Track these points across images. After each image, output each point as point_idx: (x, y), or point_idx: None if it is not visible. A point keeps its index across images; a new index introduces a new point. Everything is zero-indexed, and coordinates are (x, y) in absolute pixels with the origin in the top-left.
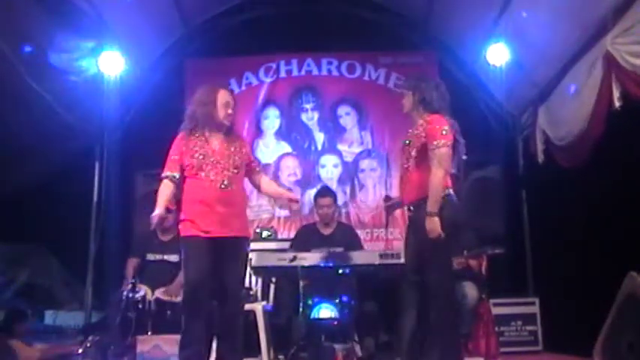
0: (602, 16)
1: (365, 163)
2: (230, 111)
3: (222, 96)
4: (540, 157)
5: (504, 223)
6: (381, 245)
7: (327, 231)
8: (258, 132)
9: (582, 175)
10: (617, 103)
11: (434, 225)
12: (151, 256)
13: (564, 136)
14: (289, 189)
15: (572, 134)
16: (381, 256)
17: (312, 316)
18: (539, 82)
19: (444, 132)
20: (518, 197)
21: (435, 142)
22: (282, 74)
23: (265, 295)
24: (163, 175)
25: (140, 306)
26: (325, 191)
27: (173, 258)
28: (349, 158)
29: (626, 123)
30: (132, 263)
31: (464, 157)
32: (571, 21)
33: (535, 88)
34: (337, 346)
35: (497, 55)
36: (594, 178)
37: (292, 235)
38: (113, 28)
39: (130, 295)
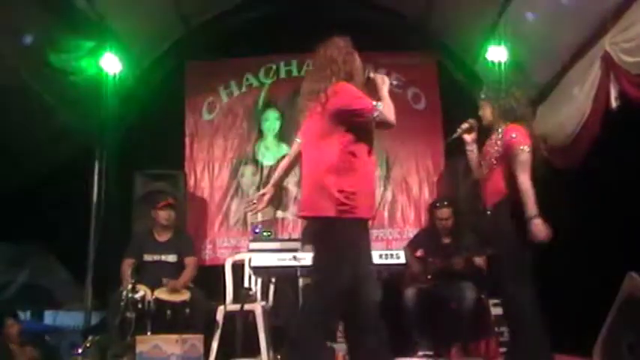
0: (601, 17)
1: None
2: None
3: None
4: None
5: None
6: (381, 245)
7: None
8: (259, 134)
9: (581, 174)
10: (614, 104)
11: (541, 226)
12: (148, 257)
13: (563, 137)
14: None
15: (571, 134)
16: (380, 256)
17: None
18: (538, 82)
19: (525, 138)
20: None
21: (520, 148)
22: (282, 75)
23: (265, 295)
24: None
25: (140, 306)
26: None
27: (171, 258)
28: None
29: (623, 123)
30: (127, 264)
31: None
32: (570, 21)
33: (535, 88)
34: (337, 346)
35: (497, 55)
36: (593, 178)
37: (292, 235)
38: (113, 28)
39: (130, 295)
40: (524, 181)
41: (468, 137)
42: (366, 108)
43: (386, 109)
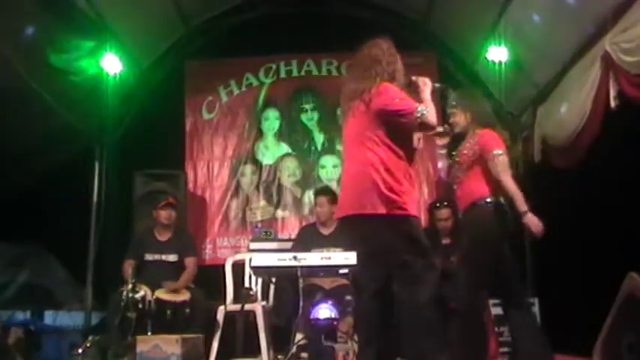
0: (601, 17)
1: None
2: None
3: None
4: (538, 157)
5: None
6: None
7: (326, 231)
8: (259, 133)
9: (581, 174)
10: (613, 103)
11: (535, 220)
12: (149, 257)
13: (563, 136)
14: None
15: (570, 134)
16: None
17: (312, 316)
18: (538, 82)
19: (499, 142)
20: None
21: (495, 152)
22: (282, 75)
23: (265, 295)
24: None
25: (140, 306)
26: (321, 190)
27: (171, 258)
28: None
29: (623, 123)
30: (128, 264)
31: None
32: (571, 21)
33: (535, 88)
34: (337, 346)
35: (497, 55)
36: (593, 178)
37: (292, 235)
38: (113, 28)
39: (130, 295)
40: (508, 181)
41: (439, 141)
42: (409, 109)
43: (428, 111)
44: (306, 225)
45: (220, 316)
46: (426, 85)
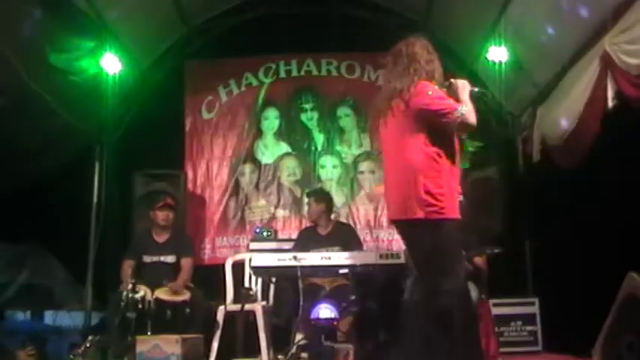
0: (601, 17)
1: (364, 165)
2: None
3: None
4: (537, 157)
5: (504, 223)
6: (380, 246)
7: (324, 231)
8: (258, 132)
9: (581, 174)
10: (610, 103)
11: None
12: (147, 258)
13: (562, 136)
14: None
15: (570, 134)
16: (380, 256)
17: (312, 316)
18: (538, 82)
19: None
20: (518, 197)
21: None
22: (282, 75)
23: (265, 295)
24: None
25: (140, 306)
26: (308, 192)
27: (169, 259)
28: (348, 159)
29: (622, 123)
30: (127, 265)
31: None
32: (571, 21)
33: (535, 88)
34: (337, 346)
35: (497, 55)
36: (593, 178)
37: (292, 234)
38: (113, 28)
39: (130, 295)
40: None
41: None
42: (450, 108)
43: (468, 111)
44: (305, 228)
45: (220, 316)
46: (464, 87)
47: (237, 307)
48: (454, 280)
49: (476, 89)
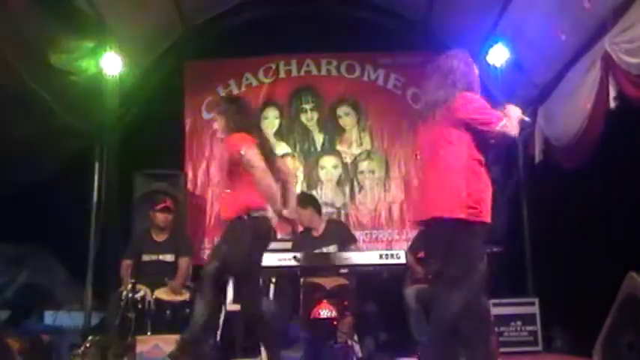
0: (601, 17)
1: (364, 165)
2: None
3: None
4: (539, 158)
5: (504, 223)
6: (380, 246)
7: (317, 232)
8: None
9: (582, 175)
10: (612, 104)
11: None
12: (146, 257)
13: (563, 137)
14: None
15: (571, 134)
16: (380, 256)
17: (312, 316)
18: (539, 82)
19: (241, 143)
20: (518, 197)
21: (239, 152)
22: (282, 75)
23: (265, 295)
24: None
25: (140, 306)
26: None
27: (168, 258)
28: (349, 159)
29: (624, 123)
30: (126, 264)
31: None
32: (571, 21)
33: (535, 88)
34: (337, 346)
35: (497, 55)
36: (593, 178)
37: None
38: (113, 28)
39: (130, 295)
40: (261, 179)
41: None
42: (493, 119)
43: (510, 123)
44: (300, 231)
45: (220, 316)
46: (515, 113)
47: (237, 307)
48: (477, 279)
49: (527, 119)
